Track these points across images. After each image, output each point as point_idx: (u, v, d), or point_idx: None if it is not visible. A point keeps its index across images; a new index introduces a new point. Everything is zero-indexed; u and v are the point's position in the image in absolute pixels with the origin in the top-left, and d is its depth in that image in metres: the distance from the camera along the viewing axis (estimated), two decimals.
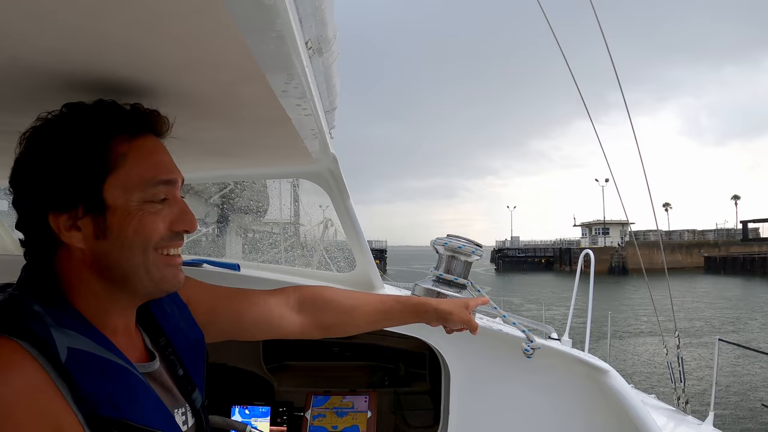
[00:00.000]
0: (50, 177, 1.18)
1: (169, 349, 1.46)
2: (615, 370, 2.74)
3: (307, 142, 1.74)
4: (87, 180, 1.19)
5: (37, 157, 1.19)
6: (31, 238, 1.23)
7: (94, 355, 1.14)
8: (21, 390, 1.02)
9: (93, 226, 1.20)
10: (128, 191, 1.22)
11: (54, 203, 1.18)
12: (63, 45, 1.05)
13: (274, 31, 0.91)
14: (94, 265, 1.23)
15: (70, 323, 1.15)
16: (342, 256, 4.55)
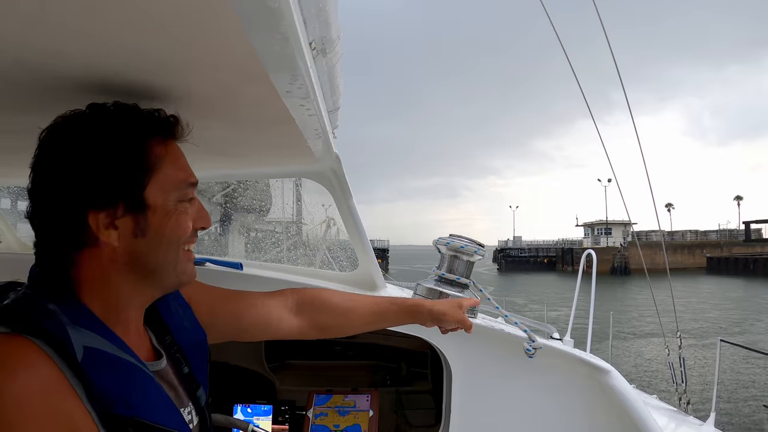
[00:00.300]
0: (94, 176, 1.18)
1: (174, 347, 1.48)
2: (616, 370, 2.74)
3: (310, 142, 1.74)
4: (131, 180, 1.22)
5: (79, 156, 1.19)
6: (58, 235, 1.21)
7: (109, 354, 1.16)
8: (35, 389, 1.02)
9: (132, 225, 1.23)
10: (166, 192, 1.27)
11: (96, 202, 1.19)
12: (66, 46, 1.06)
13: (278, 33, 0.92)
14: (126, 262, 1.25)
15: (85, 322, 1.16)
16: (344, 256, 4.56)
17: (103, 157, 1.19)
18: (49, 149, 1.21)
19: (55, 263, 1.22)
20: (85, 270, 1.22)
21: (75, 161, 1.18)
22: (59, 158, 1.19)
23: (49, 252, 1.22)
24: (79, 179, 1.18)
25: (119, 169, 1.20)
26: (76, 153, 1.19)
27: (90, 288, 1.22)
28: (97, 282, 1.23)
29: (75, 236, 1.20)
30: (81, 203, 1.18)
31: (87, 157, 1.19)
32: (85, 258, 1.22)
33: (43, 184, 1.20)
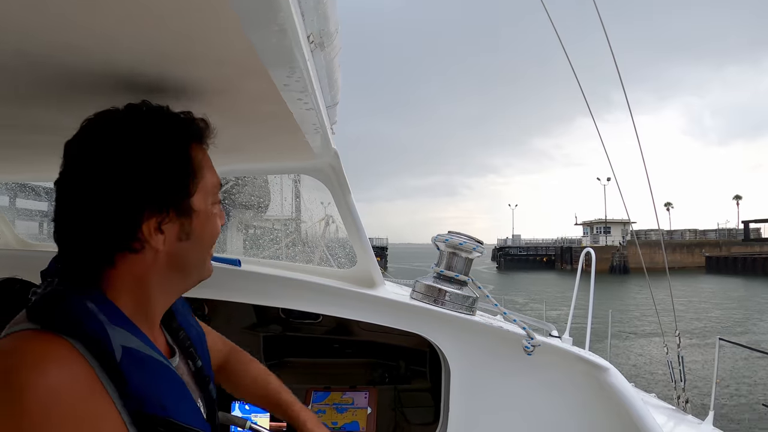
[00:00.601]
0: (152, 181, 1.19)
1: (187, 342, 1.50)
2: (615, 368, 2.74)
3: (308, 137, 1.73)
4: (184, 186, 1.24)
5: (139, 161, 1.18)
6: (107, 237, 1.19)
7: (144, 354, 1.17)
8: (65, 389, 1.02)
9: (177, 229, 1.25)
10: (206, 196, 1.31)
11: (151, 207, 1.20)
12: (67, 39, 1.05)
13: (276, 25, 0.91)
14: (165, 264, 1.26)
15: (119, 321, 1.16)
16: (343, 253, 4.56)
17: (163, 162, 1.20)
18: (103, 151, 1.18)
19: (94, 263, 1.21)
20: (123, 270, 1.22)
21: (136, 165, 1.17)
22: (117, 162, 1.17)
23: (92, 252, 1.20)
24: (139, 184, 1.18)
25: (175, 176, 1.22)
26: (137, 157, 1.18)
27: (122, 287, 1.22)
28: (132, 282, 1.23)
29: (124, 239, 1.20)
30: (137, 208, 1.18)
31: (148, 162, 1.19)
32: (126, 259, 1.22)
33: (97, 185, 1.17)
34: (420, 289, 2.79)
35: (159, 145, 1.20)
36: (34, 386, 0.99)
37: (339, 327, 3.95)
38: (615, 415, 2.67)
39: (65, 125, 1.53)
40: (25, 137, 1.74)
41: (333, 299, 2.73)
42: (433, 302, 2.71)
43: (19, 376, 0.99)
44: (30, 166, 2.51)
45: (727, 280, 64.54)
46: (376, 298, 2.73)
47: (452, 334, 2.72)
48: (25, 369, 1.00)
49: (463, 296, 2.73)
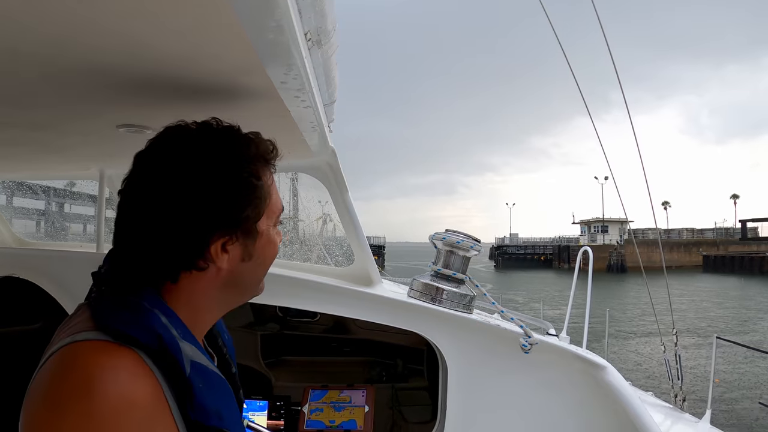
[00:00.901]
0: (225, 205, 1.19)
1: (225, 349, 1.52)
2: (613, 366, 2.74)
3: (306, 135, 1.73)
4: (255, 209, 1.25)
5: (211, 180, 1.18)
6: (176, 255, 1.19)
7: (206, 368, 1.18)
8: (140, 405, 1.02)
9: (241, 250, 1.26)
10: (270, 219, 1.32)
11: (222, 229, 1.21)
12: (62, 36, 1.05)
13: (273, 21, 0.91)
14: (225, 282, 1.27)
15: (186, 335, 1.17)
16: (341, 252, 4.56)
17: (237, 186, 1.21)
18: (180, 170, 1.18)
19: (159, 277, 1.21)
20: (185, 285, 1.23)
21: (211, 188, 1.18)
22: (194, 183, 1.17)
23: (159, 267, 1.20)
24: (212, 206, 1.18)
25: (247, 199, 1.23)
26: (212, 179, 1.18)
27: (181, 301, 1.23)
28: (190, 297, 1.24)
29: (193, 258, 1.20)
30: (210, 229, 1.19)
31: (222, 185, 1.19)
32: (189, 275, 1.22)
33: (173, 205, 1.16)
34: (417, 288, 2.79)
35: (234, 169, 1.21)
36: (110, 399, 0.99)
37: (336, 325, 3.95)
38: (612, 413, 2.67)
39: (63, 124, 1.53)
40: (24, 135, 1.74)
41: (330, 297, 2.73)
42: (431, 300, 2.71)
43: (95, 388, 0.99)
44: (28, 164, 2.51)
45: (724, 279, 64.58)
46: (374, 296, 2.72)
47: (450, 332, 2.72)
48: (101, 381, 1.00)
49: (460, 294, 2.73)
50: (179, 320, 1.18)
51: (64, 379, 1.02)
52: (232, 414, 1.23)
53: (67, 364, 1.05)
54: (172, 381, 1.09)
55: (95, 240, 3.18)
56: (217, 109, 1.49)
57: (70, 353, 1.07)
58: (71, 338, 1.09)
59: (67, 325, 1.17)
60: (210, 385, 1.16)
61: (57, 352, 1.08)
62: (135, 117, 1.72)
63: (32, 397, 1.04)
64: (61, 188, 6.92)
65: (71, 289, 2.86)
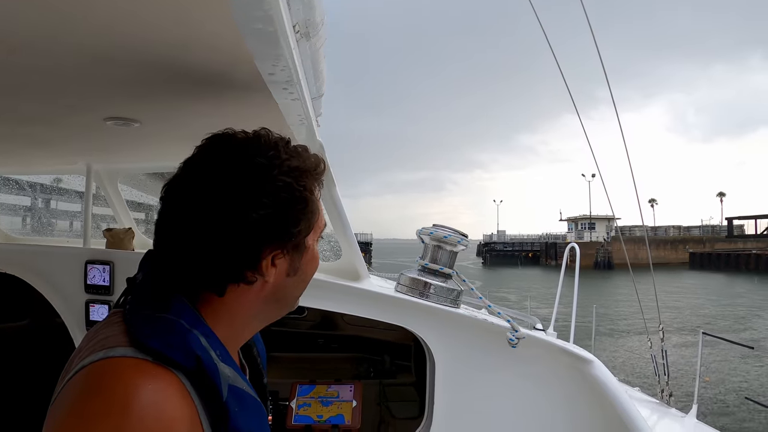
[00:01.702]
0: (281, 218, 1.18)
1: (258, 358, 1.53)
2: (599, 361, 2.75)
3: (293, 129, 1.73)
4: (307, 226, 1.25)
5: (270, 194, 1.16)
6: (227, 268, 1.18)
7: (243, 391, 1.16)
8: (176, 428, 1.00)
9: (287, 265, 1.25)
10: (315, 234, 1.32)
11: (273, 243, 1.19)
12: (52, 26, 1.05)
13: (262, 11, 0.91)
14: (269, 296, 1.26)
15: (225, 356, 1.15)
16: (328, 247, 4.57)
17: (294, 201, 1.20)
18: (240, 183, 1.16)
19: (206, 289, 1.19)
20: (231, 299, 1.21)
21: (269, 203, 1.16)
22: (253, 196, 1.15)
23: (209, 279, 1.18)
24: (269, 221, 1.17)
25: (302, 214, 1.22)
26: (271, 195, 1.17)
27: (224, 315, 1.22)
28: (234, 311, 1.23)
29: (245, 270, 1.19)
30: (262, 242, 1.18)
31: (281, 199, 1.18)
32: (237, 289, 1.21)
33: (229, 216, 1.14)
34: (405, 282, 2.80)
35: (294, 185, 1.20)
36: (146, 420, 0.97)
37: (324, 321, 3.95)
38: (599, 406, 2.69)
39: (50, 117, 1.52)
40: (11, 129, 1.73)
41: (318, 292, 2.73)
42: (418, 295, 2.72)
43: (131, 407, 0.97)
44: (15, 158, 2.50)
45: (711, 276, 64.96)
46: (361, 290, 2.73)
47: (437, 326, 2.72)
48: (138, 401, 0.98)
49: (447, 289, 2.73)
50: (218, 340, 1.16)
51: (98, 395, 0.99)
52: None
53: (102, 380, 1.02)
54: (209, 404, 1.08)
55: (82, 235, 3.18)
56: (205, 102, 1.49)
57: (106, 369, 1.03)
58: (105, 353, 1.05)
59: (97, 336, 1.13)
60: (245, 408, 1.15)
61: (89, 366, 1.04)
62: (123, 110, 1.71)
63: (61, 409, 1.01)
64: (48, 184, 6.89)
65: (58, 285, 2.85)
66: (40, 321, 3.47)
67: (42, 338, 3.61)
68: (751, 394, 15.20)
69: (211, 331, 1.16)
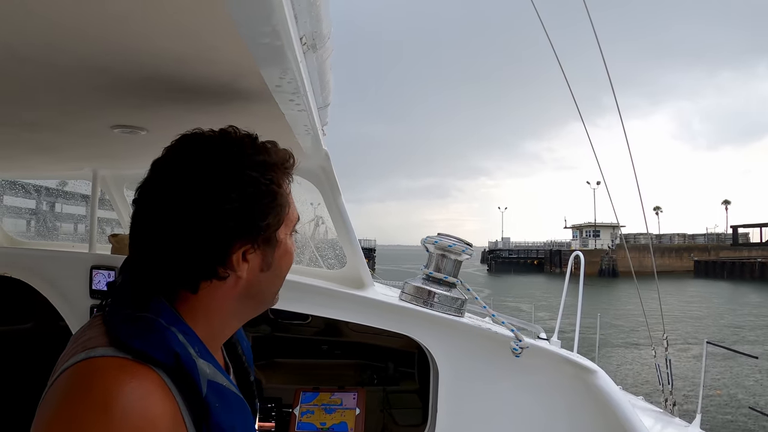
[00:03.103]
0: (247, 211, 1.19)
1: (244, 357, 1.52)
2: (603, 371, 2.75)
3: (299, 138, 1.74)
4: (276, 218, 1.25)
5: (236, 191, 1.17)
6: (197, 264, 1.18)
7: (223, 388, 1.17)
8: (159, 426, 1.01)
9: (261, 260, 1.25)
10: (287, 228, 1.32)
11: (242, 237, 1.20)
12: (61, 36, 1.06)
13: (269, 26, 0.92)
14: (243, 293, 1.26)
15: (204, 353, 1.16)
16: (333, 254, 4.58)
17: (261, 194, 1.21)
18: (203, 179, 1.17)
19: (179, 287, 1.20)
20: (204, 296, 1.22)
21: (234, 197, 1.17)
22: (218, 191, 1.16)
23: (180, 276, 1.19)
24: (235, 215, 1.17)
25: (270, 208, 1.23)
26: (236, 189, 1.17)
27: (201, 313, 1.22)
28: (210, 308, 1.23)
29: (215, 266, 1.19)
30: (231, 237, 1.18)
31: (247, 194, 1.18)
32: (210, 286, 1.21)
33: (194, 211, 1.15)
34: (409, 291, 2.80)
35: (259, 179, 1.20)
36: (130, 418, 0.98)
37: (328, 328, 3.95)
38: (602, 416, 2.68)
39: (58, 124, 1.53)
40: (19, 134, 1.74)
41: (322, 300, 2.73)
42: (422, 304, 2.72)
43: (115, 406, 0.98)
44: (22, 163, 2.51)
45: (716, 285, 64.67)
46: (365, 299, 2.73)
47: (440, 335, 2.72)
48: (121, 400, 0.99)
49: (451, 298, 2.74)
50: (196, 337, 1.17)
51: (81, 396, 1.00)
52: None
53: (84, 380, 1.03)
54: (189, 401, 1.09)
55: (87, 240, 3.18)
56: (211, 111, 1.50)
57: (87, 369, 1.05)
58: (86, 354, 1.07)
59: (80, 339, 1.15)
60: (226, 403, 1.16)
61: (71, 367, 1.06)
62: (130, 118, 1.72)
63: (45, 412, 1.02)
64: (53, 188, 6.90)
65: (63, 289, 2.86)
66: (43, 324, 3.48)
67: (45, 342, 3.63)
68: (755, 404, 15.14)
69: (190, 329, 1.17)
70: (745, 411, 14.83)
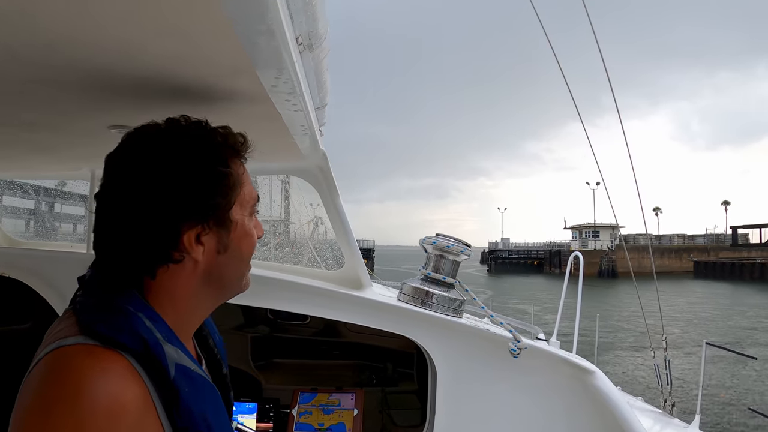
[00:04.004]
0: (192, 193, 1.20)
1: (216, 349, 1.53)
2: (601, 371, 2.75)
3: (296, 139, 1.74)
4: (224, 198, 1.25)
5: (180, 173, 1.19)
6: (149, 249, 1.20)
7: (192, 371, 1.18)
8: (130, 409, 1.03)
9: (216, 241, 1.27)
10: (243, 209, 1.32)
11: (191, 218, 1.21)
12: (58, 36, 1.05)
13: (264, 25, 0.92)
14: (204, 277, 1.27)
15: (170, 337, 1.17)
16: (331, 254, 4.58)
17: (203, 174, 1.21)
18: (145, 165, 1.19)
19: (137, 273, 1.21)
20: (164, 282, 1.23)
21: (176, 177, 1.18)
22: (159, 175, 1.18)
23: (135, 262, 1.21)
24: (179, 194, 1.19)
25: (215, 188, 1.23)
26: (177, 169, 1.19)
27: (164, 300, 1.23)
28: (172, 294, 1.25)
29: (166, 248, 1.20)
30: (178, 219, 1.20)
31: (188, 174, 1.20)
32: (167, 271, 1.23)
33: (141, 197, 1.18)
34: (407, 291, 2.80)
35: (198, 158, 1.22)
36: (101, 403, 1.00)
37: (326, 328, 3.95)
38: (600, 417, 2.68)
39: (55, 124, 1.53)
40: (16, 134, 1.74)
41: (320, 300, 2.73)
42: (420, 304, 2.72)
43: (85, 392, 1.00)
44: (19, 163, 2.51)
45: (716, 285, 64.64)
46: (364, 299, 2.73)
47: (439, 336, 2.72)
48: (91, 385, 1.01)
49: (450, 299, 2.74)
50: (164, 323, 1.19)
51: (53, 384, 1.03)
52: (220, 418, 1.23)
53: (55, 368, 1.06)
54: (158, 384, 1.10)
55: (85, 240, 3.18)
56: (208, 112, 1.50)
57: (59, 358, 1.07)
58: (58, 343, 1.09)
59: (54, 330, 1.17)
60: (196, 388, 1.17)
61: (44, 358, 1.08)
62: (126, 118, 1.72)
63: (21, 402, 1.03)
64: (51, 188, 6.91)
65: (61, 290, 2.86)
66: (41, 325, 3.47)
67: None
68: (754, 404, 15.15)
69: (158, 315, 1.19)
70: (744, 412, 14.83)
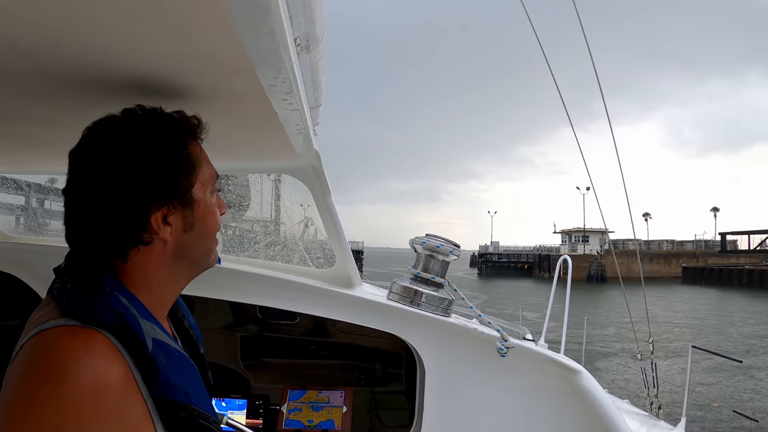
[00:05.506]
0: (156, 175, 1.25)
1: (191, 331, 1.59)
2: (587, 371, 2.78)
3: (291, 137, 1.77)
4: (185, 178, 1.31)
5: (142, 157, 1.24)
6: (119, 231, 1.24)
7: (169, 345, 1.23)
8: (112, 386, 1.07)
9: (182, 221, 1.32)
10: (205, 187, 1.38)
11: (157, 200, 1.26)
12: (60, 31, 1.08)
13: (265, 27, 0.95)
14: (174, 255, 1.33)
15: (145, 314, 1.22)
16: (321, 254, 4.59)
17: (164, 158, 1.27)
18: (107, 154, 1.24)
19: (109, 257, 1.26)
20: (136, 263, 1.28)
21: (139, 162, 1.23)
22: (121, 162, 1.23)
23: (107, 247, 1.25)
24: (144, 179, 1.24)
25: (175, 169, 1.29)
26: (139, 155, 1.24)
27: (137, 280, 1.28)
28: (145, 274, 1.29)
29: (135, 231, 1.25)
30: (144, 201, 1.25)
31: (150, 159, 1.25)
32: (138, 252, 1.27)
33: (106, 185, 1.22)
34: (397, 290, 2.83)
35: (158, 143, 1.27)
36: (84, 381, 1.04)
37: (316, 328, 3.97)
38: (587, 417, 2.71)
39: (55, 119, 1.55)
40: (15, 129, 1.76)
41: (310, 298, 2.76)
42: (410, 303, 2.75)
43: (69, 372, 1.04)
44: (16, 157, 2.52)
45: (704, 291, 64.81)
46: (354, 297, 2.75)
47: (427, 334, 2.75)
48: (74, 365, 1.05)
49: (439, 298, 2.77)
50: (138, 301, 1.23)
51: (36, 367, 1.06)
52: (198, 390, 1.29)
53: (38, 351, 1.09)
54: (137, 359, 1.14)
55: None
56: (205, 109, 1.53)
57: (41, 341, 1.11)
58: (39, 327, 1.13)
59: (34, 317, 1.21)
60: (173, 361, 1.22)
61: (27, 343, 1.12)
62: None
63: (6, 388, 1.06)
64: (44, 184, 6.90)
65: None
66: None
67: None
68: (738, 407, 15.24)
69: (132, 295, 1.23)
70: (729, 414, 14.93)
